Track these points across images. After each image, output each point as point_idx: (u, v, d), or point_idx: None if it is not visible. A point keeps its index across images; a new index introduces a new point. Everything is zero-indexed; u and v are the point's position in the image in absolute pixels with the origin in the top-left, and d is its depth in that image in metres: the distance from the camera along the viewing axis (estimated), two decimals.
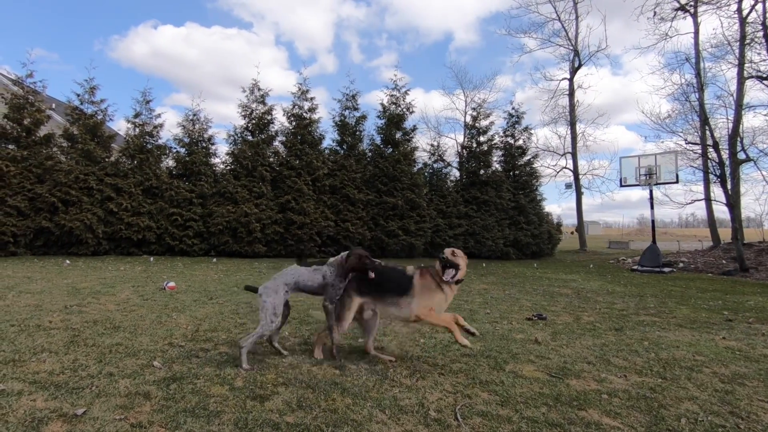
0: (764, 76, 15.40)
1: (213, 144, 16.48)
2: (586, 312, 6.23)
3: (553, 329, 4.93)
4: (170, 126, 62.89)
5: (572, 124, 24.94)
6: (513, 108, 19.85)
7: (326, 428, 2.27)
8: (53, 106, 17.26)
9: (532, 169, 19.59)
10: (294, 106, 16.91)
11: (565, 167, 25.48)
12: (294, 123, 16.69)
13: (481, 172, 18.57)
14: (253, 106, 16.54)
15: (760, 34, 14.86)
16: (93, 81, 15.12)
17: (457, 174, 19.23)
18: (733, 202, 14.42)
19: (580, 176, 24.95)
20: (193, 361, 3.26)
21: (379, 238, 16.08)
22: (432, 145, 18.80)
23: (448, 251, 3.46)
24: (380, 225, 16.19)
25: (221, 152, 18.93)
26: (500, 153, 19.49)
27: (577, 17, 25.32)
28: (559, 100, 26.38)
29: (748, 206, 23.47)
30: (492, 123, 19.23)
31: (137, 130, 15.39)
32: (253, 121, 16.43)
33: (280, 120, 16.87)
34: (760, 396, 3.03)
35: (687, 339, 4.70)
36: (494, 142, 19.20)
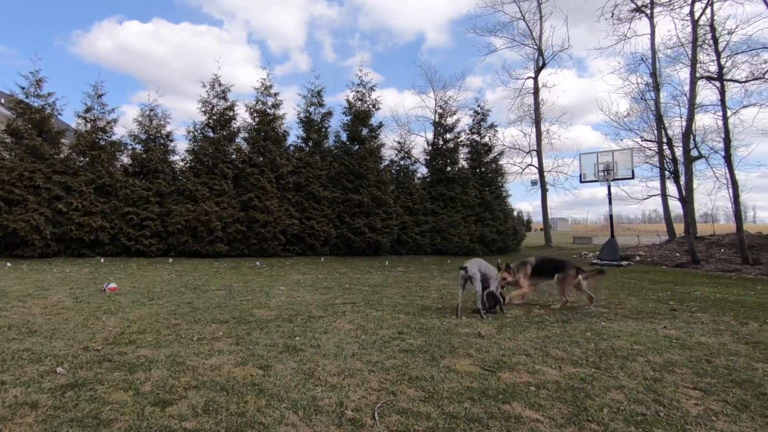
0: (714, 76, 16.07)
1: (172, 141, 15.91)
2: (538, 305, 6.26)
3: (501, 323, 4.90)
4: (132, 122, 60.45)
5: (537, 123, 25.43)
6: (479, 105, 20.08)
7: None
8: (2, 100, 16.28)
9: (498, 166, 19.85)
10: (257, 102, 16.52)
11: (531, 164, 25.99)
12: (257, 119, 16.30)
13: (448, 169, 18.66)
14: (214, 101, 16.05)
15: (710, 36, 15.48)
16: (39, 73, 14.28)
17: (425, 171, 19.26)
18: (685, 197, 14.99)
19: (545, 173, 25.47)
20: (103, 365, 3.02)
21: (345, 236, 15.90)
22: (399, 142, 18.76)
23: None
24: (346, 222, 16.01)
25: (181, 149, 18.31)
26: (467, 150, 19.65)
27: (541, 17, 25.85)
28: (524, 98, 26.89)
29: (701, 201, 24.56)
30: (458, 120, 19.39)
31: (89, 125, 14.66)
32: (214, 117, 15.93)
33: (243, 116, 16.47)
34: (687, 383, 3.05)
35: (630, 329, 4.75)
36: (461, 139, 19.34)
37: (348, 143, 17.46)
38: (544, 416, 2.43)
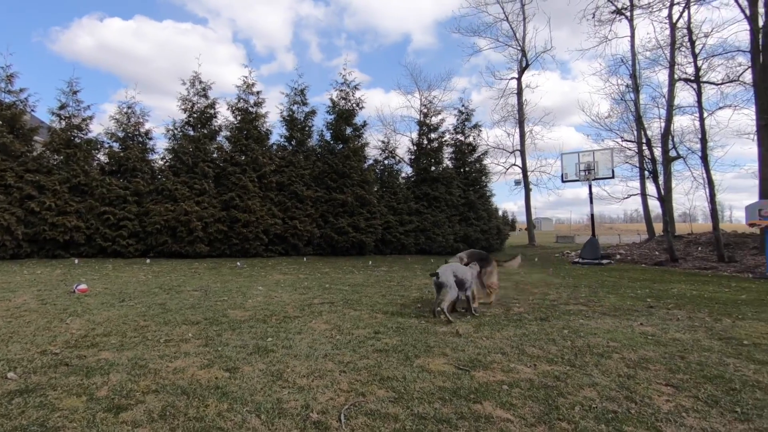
0: (691, 78, 16.41)
1: (151, 139, 15.52)
2: (518, 303, 6.25)
3: (479, 321, 4.87)
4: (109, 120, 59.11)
5: (520, 123, 25.65)
6: (463, 105, 20.13)
7: None
8: None
9: (482, 166, 19.94)
10: (239, 100, 16.26)
11: (515, 164, 26.21)
12: (239, 117, 16.05)
13: (433, 168, 18.65)
14: (195, 99, 15.73)
15: (687, 39, 15.79)
16: (11, 68, 13.80)
17: (409, 170, 19.24)
18: (664, 196, 15.27)
19: (529, 173, 25.71)
20: (59, 370, 2.87)
21: (328, 236, 15.76)
22: (383, 142, 18.70)
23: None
24: (329, 222, 15.87)
25: (160, 148, 17.92)
26: (451, 150, 19.69)
27: (524, 18, 26.09)
28: (508, 99, 27.13)
29: (679, 201, 25.12)
30: (443, 120, 19.41)
31: (63, 123, 14.23)
32: (195, 115, 15.62)
33: (225, 114, 16.22)
34: (660, 379, 3.04)
35: (607, 326, 4.76)
36: (445, 139, 19.36)
37: (332, 142, 17.32)
38: (514, 415, 2.38)
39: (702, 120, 14.44)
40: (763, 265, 10.73)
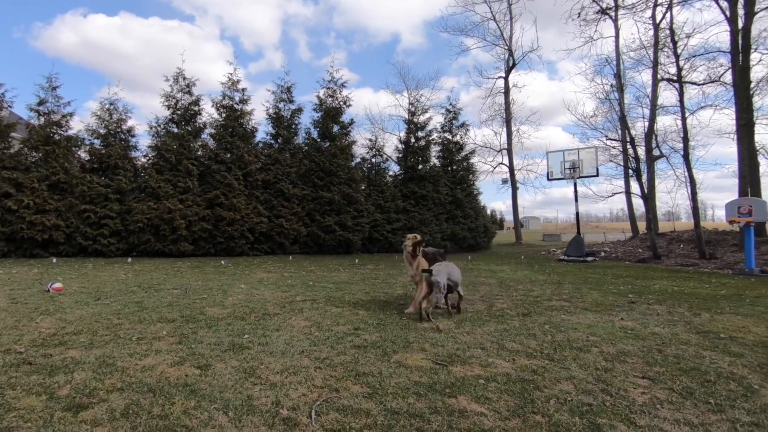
0: (674, 78, 16.64)
1: (134, 136, 15.23)
2: (501, 299, 6.26)
3: (461, 317, 4.84)
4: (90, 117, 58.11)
5: (507, 122, 25.81)
6: (451, 104, 20.14)
7: None
8: None
9: (469, 165, 19.98)
10: (224, 97, 16.04)
11: (502, 163, 26.35)
12: (224, 115, 15.83)
13: (420, 167, 18.64)
14: (179, 96, 15.47)
15: (670, 39, 16.01)
16: None
17: (397, 169, 19.20)
18: (647, 195, 15.46)
19: (516, 172, 25.87)
20: (21, 369, 2.76)
21: (315, 234, 15.64)
22: (370, 140, 18.62)
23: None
24: (316, 221, 15.75)
25: (143, 145, 17.61)
26: (438, 148, 19.70)
27: (511, 18, 26.26)
28: (495, 98, 27.28)
29: (662, 199, 25.53)
30: (430, 118, 19.40)
31: (42, 119, 13.89)
32: (179, 112, 15.37)
33: (209, 112, 15.96)
34: (636, 372, 3.04)
35: (588, 321, 4.77)
36: (432, 137, 19.36)
37: (319, 140, 17.20)
38: (489, 409, 2.34)
39: (684, 119, 14.65)
40: (743, 262, 10.92)
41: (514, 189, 25.70)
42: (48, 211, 12.81)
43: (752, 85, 15.71)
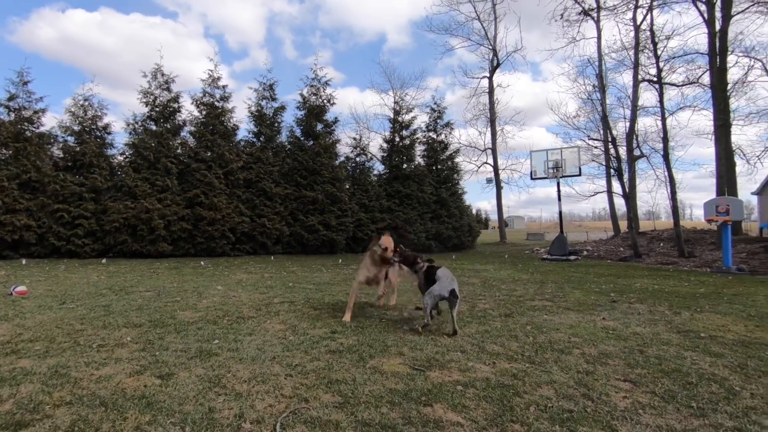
0: (654, 79, 16.89)
1: (110, 133, 14.83)
2: (484, 299, 6.17)
3: (443, 318, 4.73)
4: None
5: (492, 121, 25.91)
6: (435, 103, 20.11)
7: None
8: None
9: (454, 164, 19.98)
10: (204, 95, 15.70)
11: (486, 162, 26.45)
12: (204, 112, 15.49)
13: (405, 166, 18.56)
14: (157, 92, 15.09)
15: (650, 41, 16.23)
16: None
17: (381, 168, 19.08)
18: (629, 194, 15.65)
19: (500, 171, 26.00)
20: None
21: (298, 234, 15.42)
22: (355, 139, 18.46)
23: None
24: (299, 220, 15.53)
25: (120, 143, 17.13)
26: (423, 148, 19.65)
27: (495, 18, 26.38)
28: (480, 97, 27.38)
29: (643, 199, 25.99)
30: (415, 117, 19.35)
31: (12, 115, 13.37)
32: (157, 109, 14.97)
33: (189, 109, 15.59)
34: (618, 374, 2.96)
35: (570, 321, 4.71)
36: (417, 136, 19.31)
37: (302, 139, 16.97)
38: (466, 418, 2.23)
39: (664, 120, 14.86)
40: (720, 260, 11.10)
41: (499, 188, 25.82)
42: (18, 211, 12.33)
43: (729, 86, 16.04)
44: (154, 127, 14.83)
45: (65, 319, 4.31)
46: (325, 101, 17.24)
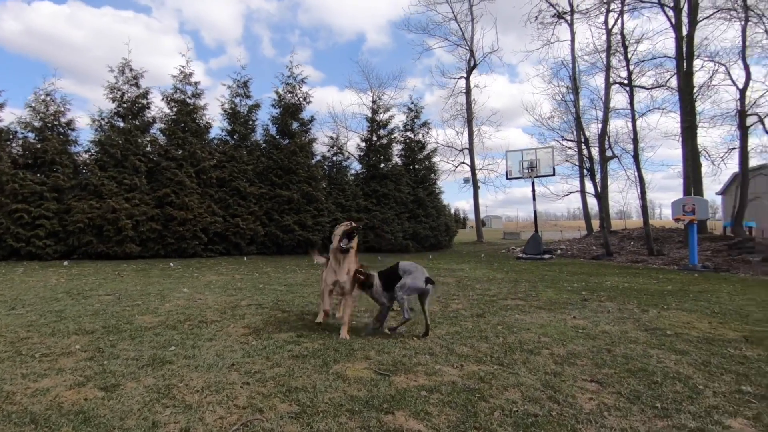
0: (624, 82, 17.30)
1: (74, 130, 14.13)
2: (458, 299, 6.14)
3: (415, 320, 4.64)
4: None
5: (469, 121, 26.11)
6: (413, 103, 20.08)
7: None
8: None
9: (431, 164, 20.00)
10: (175, 91, 15.19)
11: (463, 162, 26.64)
12: (175, 109, 15.00)
13: (382, 165, 18.46)
14: (125, 88, 14.49)
15: (621, 44, 16.62)
16: None
17: (358, 167, 18.94)
18: (600, 193, 15.99)
19: (477, 171, 26.21)
20: None
21: (273, 234, 15.12)
22: (331, 138, 18.25)
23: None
24: (275, 220, 15.23)
25: (85, 140, 16.45)
26: (400, 147, 19.59)
27: (472, 19, 26.59)
28: (457, 98, 27.55)
29: (615, 199, 26.69)
30: (392, 117, 19.25)
31: None
32: (125, 105, 14.40)
33: (159, 105, 15.07)
34: (585, 375, 2.93)
35: (541, 321, 4.70)
36: (394, 136, 19.23)
37: (277, 137, 16.65)
38: (428, 426, 2.13)
39: (634, 122, 15.24)
40: (687, 258, 11.43)
41: (476, 188, 26.04)
42: None
43: (695, 90, 16.57)
44: (121, 124, 14.27)
45: (11, 326, 4.02)
46: (301, 99, 16.97)
